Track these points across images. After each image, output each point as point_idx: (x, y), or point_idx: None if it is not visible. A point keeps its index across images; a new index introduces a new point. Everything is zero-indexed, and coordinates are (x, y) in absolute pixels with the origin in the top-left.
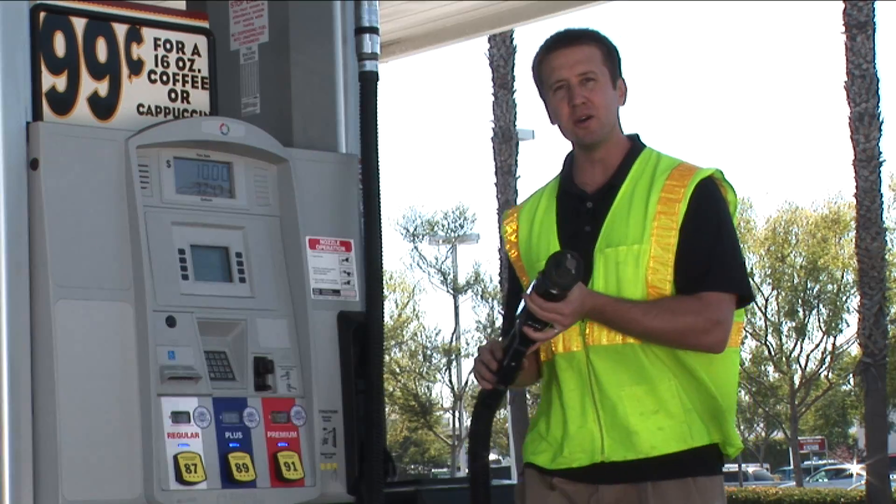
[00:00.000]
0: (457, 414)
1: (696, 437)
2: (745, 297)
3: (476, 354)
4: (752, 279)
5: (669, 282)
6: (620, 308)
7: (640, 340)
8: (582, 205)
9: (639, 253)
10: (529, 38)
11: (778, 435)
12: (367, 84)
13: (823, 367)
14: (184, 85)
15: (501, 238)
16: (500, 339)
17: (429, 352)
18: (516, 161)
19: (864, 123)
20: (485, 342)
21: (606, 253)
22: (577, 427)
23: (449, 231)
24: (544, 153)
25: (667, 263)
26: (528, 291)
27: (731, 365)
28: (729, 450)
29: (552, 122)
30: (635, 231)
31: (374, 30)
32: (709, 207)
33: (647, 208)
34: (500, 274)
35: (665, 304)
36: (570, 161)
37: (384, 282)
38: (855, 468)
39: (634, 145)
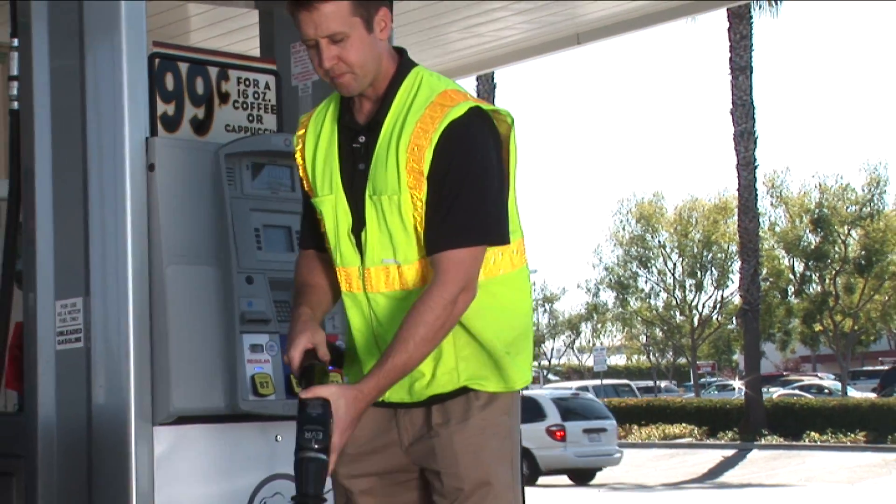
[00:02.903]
0: None
1: (462, 381)
2: (493, 241)
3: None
4: (664, 250)
5: None
6: (388, 374)
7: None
8: (356, 137)
9: (399, 203)
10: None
11: (682, 360)
12: None
13: (715, 312)
14: (258, 111)
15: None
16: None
17: None
18: None
19: (744, 139)
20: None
21: (374, 200)
22: (368, 366)
23: None
24: (520, 167)
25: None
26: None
27: (509, 296)
28: (513, 386)
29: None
30: (392, 180)
31: None
32: (455, 155)
33: (398, 156)
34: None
35: (412, 325)
36: None
37: None
38: (737, 384)
39: (401, 67)
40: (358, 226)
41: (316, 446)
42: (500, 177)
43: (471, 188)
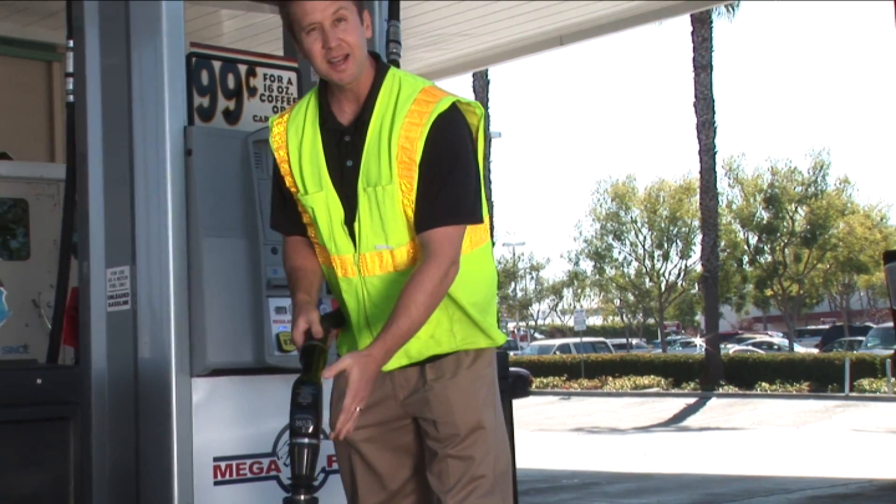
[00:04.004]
0: None
1: (458, 342)
2: (474, 220)
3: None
4: (636, 225)
5: None
6: (395, 337)
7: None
8: (341, 138)
9: (392, 192)
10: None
11: (651, 321)
12: None
13: (679, 279)
14: (281, 103)
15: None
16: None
17: None
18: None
19: (705, 128)
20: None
21: (368, 192)
22: (362, 342)
23: None
24: (512, 152)
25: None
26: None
27: (482, 269)
28: (496, 343)
29: (303, 58)
30: (385, 171)
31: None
32: (446, 144)
33: (391, 148)
34: None
35: (412, 293)
36: (324, 91)
37: None
38: (698, 341)
39: (378, 70)
40: (350, 217)
41: (306, 432)
42: (476, 162)
43: (457, 172)
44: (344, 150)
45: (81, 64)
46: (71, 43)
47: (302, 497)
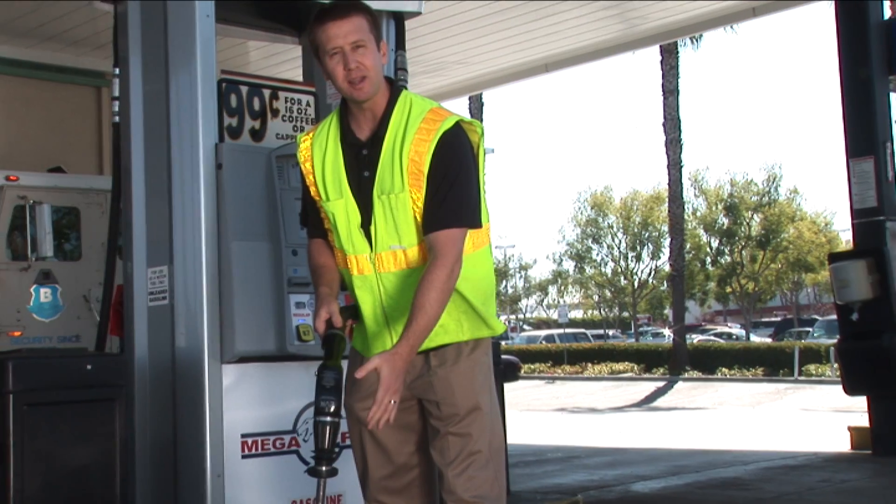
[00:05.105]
0: None
1: (465, 333)
2: (473, 225)
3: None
4: (612, 230)
5: None
6: (417, 335)
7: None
8: (360, 152)
9: (404, 200)
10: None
11: (625, 314)
12: None
13: (650, 277)
14: (301, 122)
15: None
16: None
17: None
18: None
19: (673, 145)
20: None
21: (382, 199)
22: (373, 332)
23: None
24: (504, 166)
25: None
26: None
27: (482, 267)
28: (496, 332)
29: (326, 79)
30: (398, 181)
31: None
32: (450, 158)
33: (402, 161)
34: None
35: (425, 293)
36: (344, 111)
37: None
38: (666, 332)
39: (392, 92)
40: (367, 221)
41: (329, 412)
42: (477, 174)
43: (460, 182)
44: (362, 162)
45: (126, 89)
46: (117, 71)
47: (323, 468)
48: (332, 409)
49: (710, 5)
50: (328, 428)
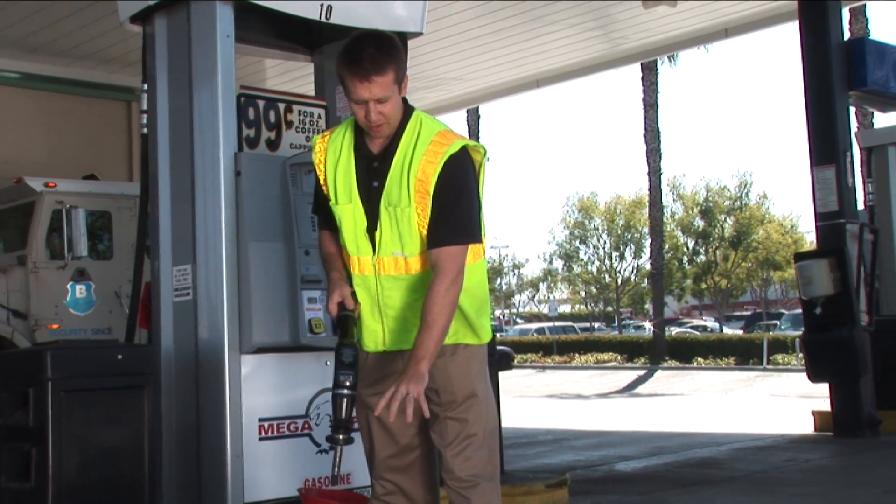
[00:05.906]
0: None
1: (449, 336)
2: (474, 241)
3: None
4: (598, 231)
5: None
6: (430, 353)
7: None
8: (371, 163)
9: (410, 214)
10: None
11: (609, 308)
12: None
13: (632, 275)
14: (313, 133)
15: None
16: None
17: None
18: None
19: (653, 154)
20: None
21: (389, 210)
22: (367, 327)
23: None
24: (498, 172)
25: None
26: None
27: (477, 275)
28: (482, 341)
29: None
30: (405, 196)
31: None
32: (454, 179)
33: (410, 178)
34: None
35: (432, 308)
36: (359, 126)
37: None
38: (647, 325)
39: (405, 112)
40: (372, 226)
41: (347, 384)
42: (478, 194)
43: (463, 203)
44: (372, 173)
45: (153, 103)
46: (145, 86)
47: (341, 436)
48: (350, 382)
49: (686, 27)
50: (346, 400)
